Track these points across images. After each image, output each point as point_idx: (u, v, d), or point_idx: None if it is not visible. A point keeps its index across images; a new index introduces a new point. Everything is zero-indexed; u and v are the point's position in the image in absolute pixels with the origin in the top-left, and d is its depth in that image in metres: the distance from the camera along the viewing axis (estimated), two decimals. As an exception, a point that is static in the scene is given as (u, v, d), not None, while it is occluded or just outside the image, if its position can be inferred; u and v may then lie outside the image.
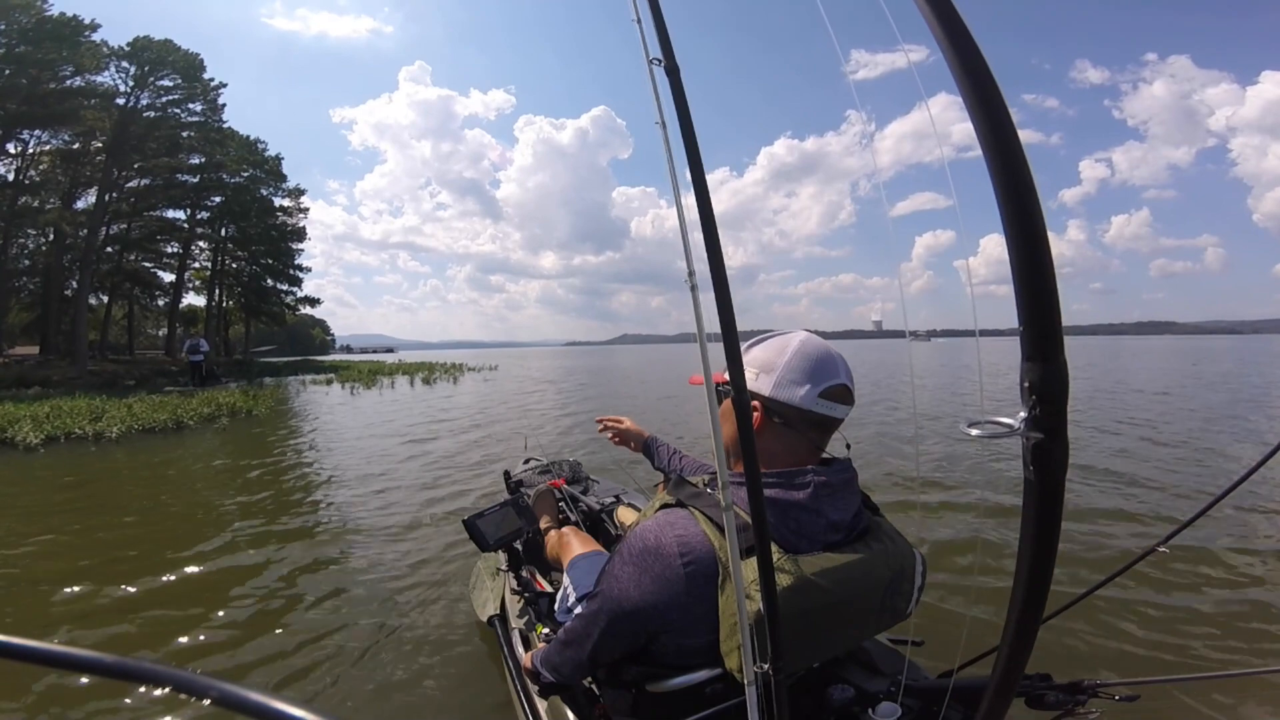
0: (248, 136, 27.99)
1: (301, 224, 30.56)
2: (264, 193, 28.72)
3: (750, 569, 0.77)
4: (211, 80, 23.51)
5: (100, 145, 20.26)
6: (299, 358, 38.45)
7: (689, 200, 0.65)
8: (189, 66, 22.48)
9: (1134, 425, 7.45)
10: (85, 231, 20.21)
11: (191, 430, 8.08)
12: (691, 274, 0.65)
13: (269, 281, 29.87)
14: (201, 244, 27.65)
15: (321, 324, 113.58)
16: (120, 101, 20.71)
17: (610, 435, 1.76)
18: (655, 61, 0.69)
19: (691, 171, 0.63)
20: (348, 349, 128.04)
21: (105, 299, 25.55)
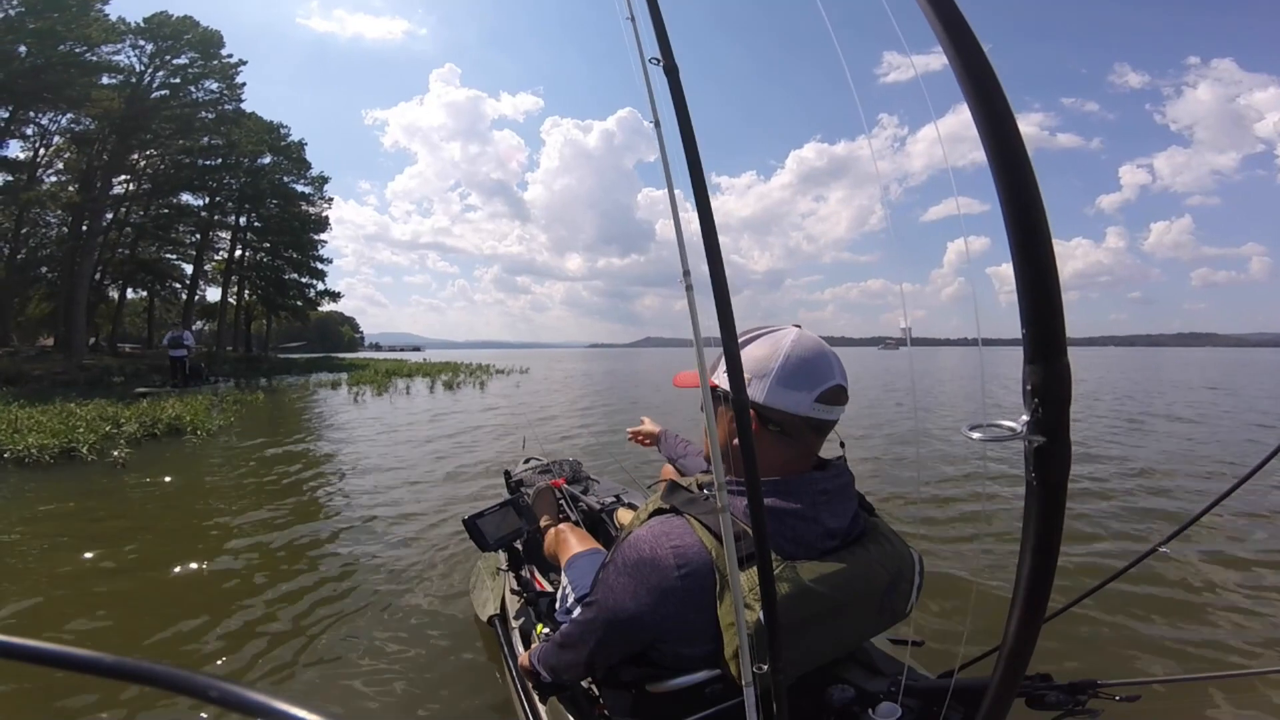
0: (271, 122, 26.77)
1: (325, 213, 29.00)
2: (285, 180, 27.42)
3: (748, 577, 0.76)
4: (230, 56, 22.24)
5: (113, 127, 19.35)
6: (320, 355, 37.58)
7: (687, 201, 0.65)
8: (206, 43, 21.35)
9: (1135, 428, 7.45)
10: (88, 215, 19.46)
11: (81, 465, 5.31)
12: (687, 274, 0.65)
13: (290, 274, 28.61)
14: (222, 234, 26.47)
15: (350, 321, 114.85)
16: (134, 81, 19.90)
17: (640, 440, 1.91)
18: (654, 61, 0.69)
19: (690, 172, 0.63)
20: (376, 347, 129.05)
21: (119, 290, 24.93)
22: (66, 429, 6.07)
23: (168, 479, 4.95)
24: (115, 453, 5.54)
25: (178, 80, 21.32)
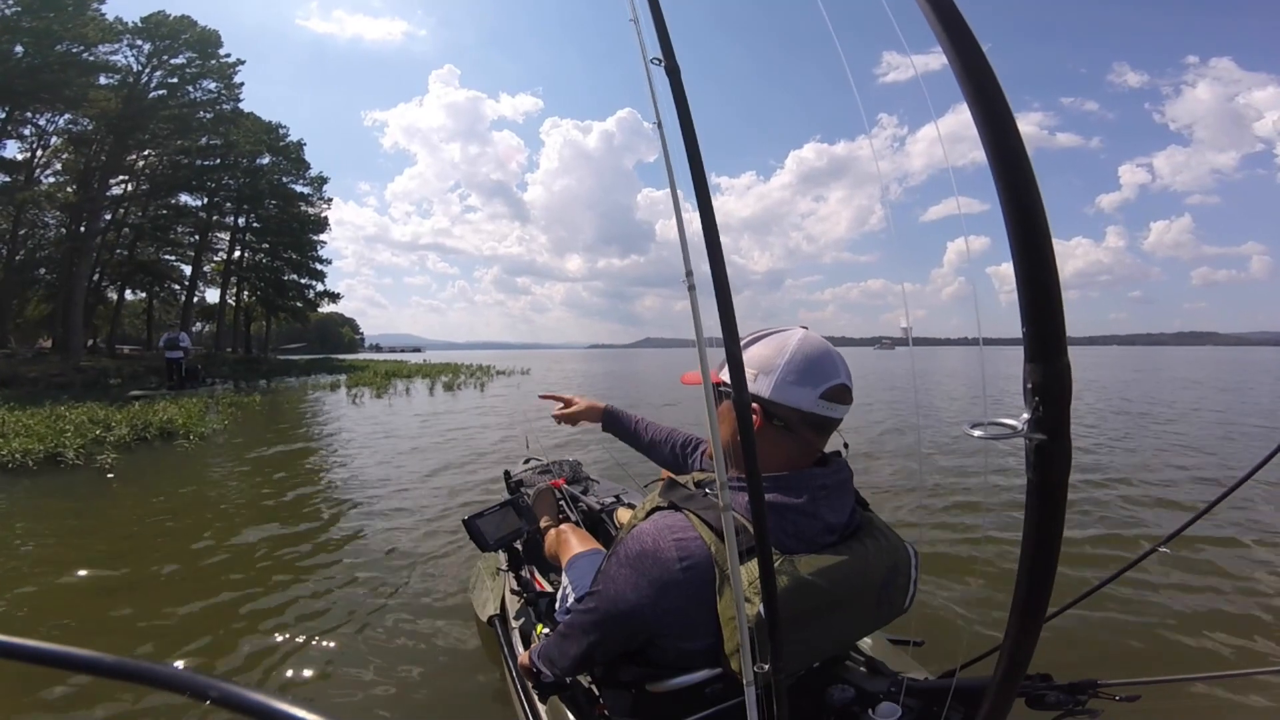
0: (269, 122, 26.61)
1: (324, 214, 28.85)
2: (284, 180, 27.25)
3: (748, 572, 0.77)
4: (228, 56, 22.08)
5: (109, 127, 19.15)
6: (319, 356, 37.33)
7: (688, 201, 0.65)
8: (204, 42, 21.21)
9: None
10: (85, 216, 19.34)
11: (67, 470, 5.07)
12: (689, 274, 0.65)
13: (289, 275, 28.42)
14: (220, 234, 26.34)
15: (351, 323, 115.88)
16: (130, 80, 19.74)
17: (557, 415, 1.62)
18: (655, 61, 0.69)
19: (692, 172, 0.63)
20: (377, 348, 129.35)
21: (118, 291, 24.81)
22: (53, 433, 5.84)
23: (155, 484, 4.79)
24: (101, 457, 5.35)
25: (175, 80, 21.22)
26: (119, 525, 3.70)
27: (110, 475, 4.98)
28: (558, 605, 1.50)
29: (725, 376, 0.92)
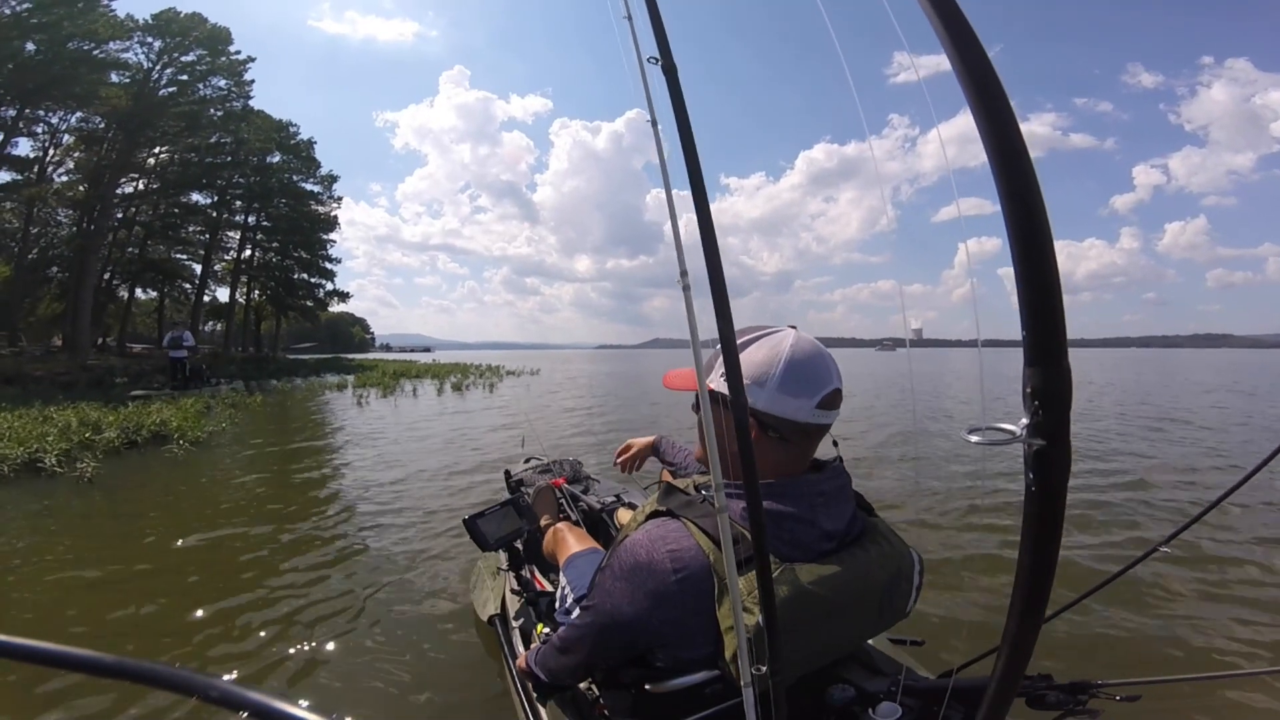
0: (279, 120, 26.62)
1: (334, 213, 29.04)
2: (294, 179, 27.45)
3: (746, 581, 0.75)
4: (238, 53, 22.21)
5: (120, 124, 19.19)
6: (329, 355, 37.53)
7: (685, 199, 0.64)
8: (214, 39, 21.31)
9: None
10: (96, 213, 19.45)
11: (46, 478, 4.75)
12: (684, 274, 0.64)
13: (299, 274, 28.60)
14: (231, 233, 26.55)
15: (361, 322, 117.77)
16: (141, 77, 19.83)
17: (622, 464, 1.81)
18: (652, 60, 0.69)
19: (689, 172, 0.63)
20: (387, 348, 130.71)
21: (128, 289, 25.02)
22: (36, 436, 5.43)
23: (139, 492, 4.52)
24: (83, 465, 4.89)
25: (186, 77, 21.33)
26: (94, 529, 3.59)
27: (89, 483, 4.64)
28: (557, 605, 1.50)
29: (715, 383, 0.87)
